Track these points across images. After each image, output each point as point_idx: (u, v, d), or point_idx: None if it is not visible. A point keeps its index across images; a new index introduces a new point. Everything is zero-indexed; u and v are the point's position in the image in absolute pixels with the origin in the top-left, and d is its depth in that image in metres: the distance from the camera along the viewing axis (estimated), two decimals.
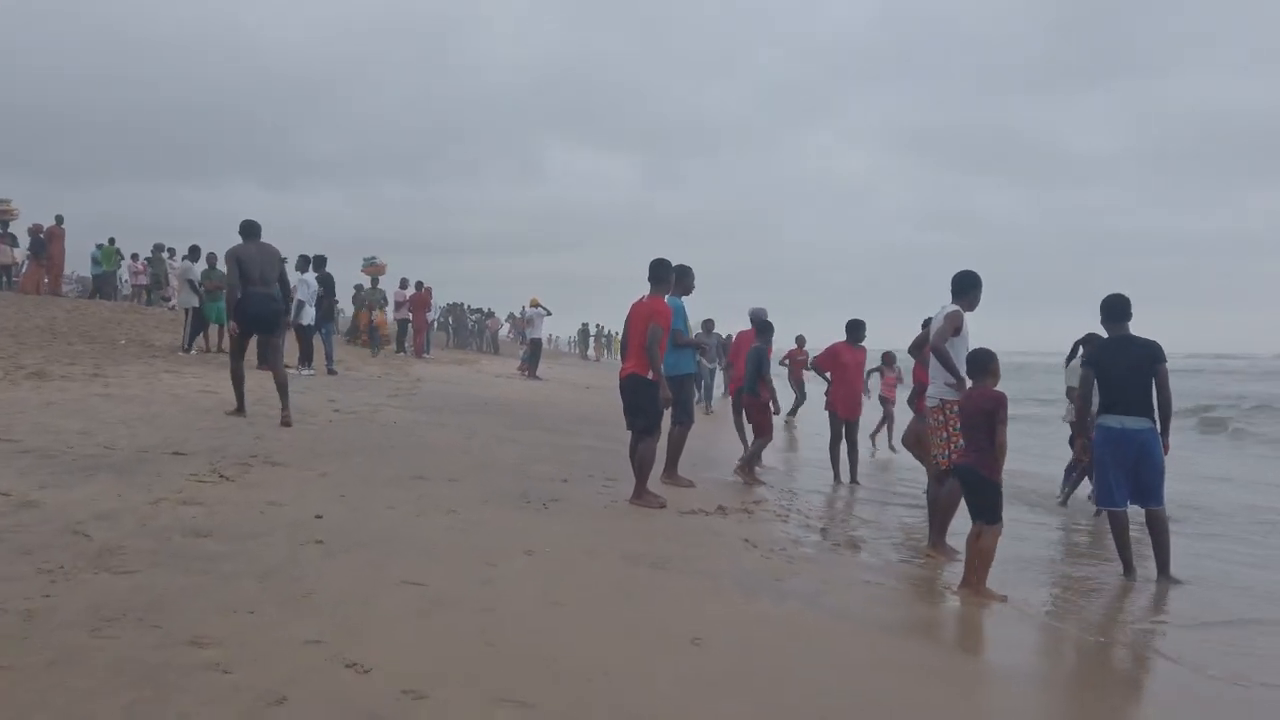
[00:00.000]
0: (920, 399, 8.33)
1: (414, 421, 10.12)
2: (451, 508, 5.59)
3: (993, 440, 5.03)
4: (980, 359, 5.24)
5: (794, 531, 6.38)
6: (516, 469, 7.63)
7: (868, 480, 9.45)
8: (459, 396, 14.34)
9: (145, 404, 8.90)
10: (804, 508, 7.70)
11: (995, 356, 5.28)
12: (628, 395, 6.69)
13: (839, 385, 9.10)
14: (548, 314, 21.93)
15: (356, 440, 8.10)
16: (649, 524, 5.96)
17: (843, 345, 9.22)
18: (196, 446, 6.83)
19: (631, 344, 6.70)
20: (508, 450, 8.79)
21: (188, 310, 15.71)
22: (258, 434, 7.83)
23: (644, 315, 6.61)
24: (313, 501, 5.29)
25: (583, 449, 9.72)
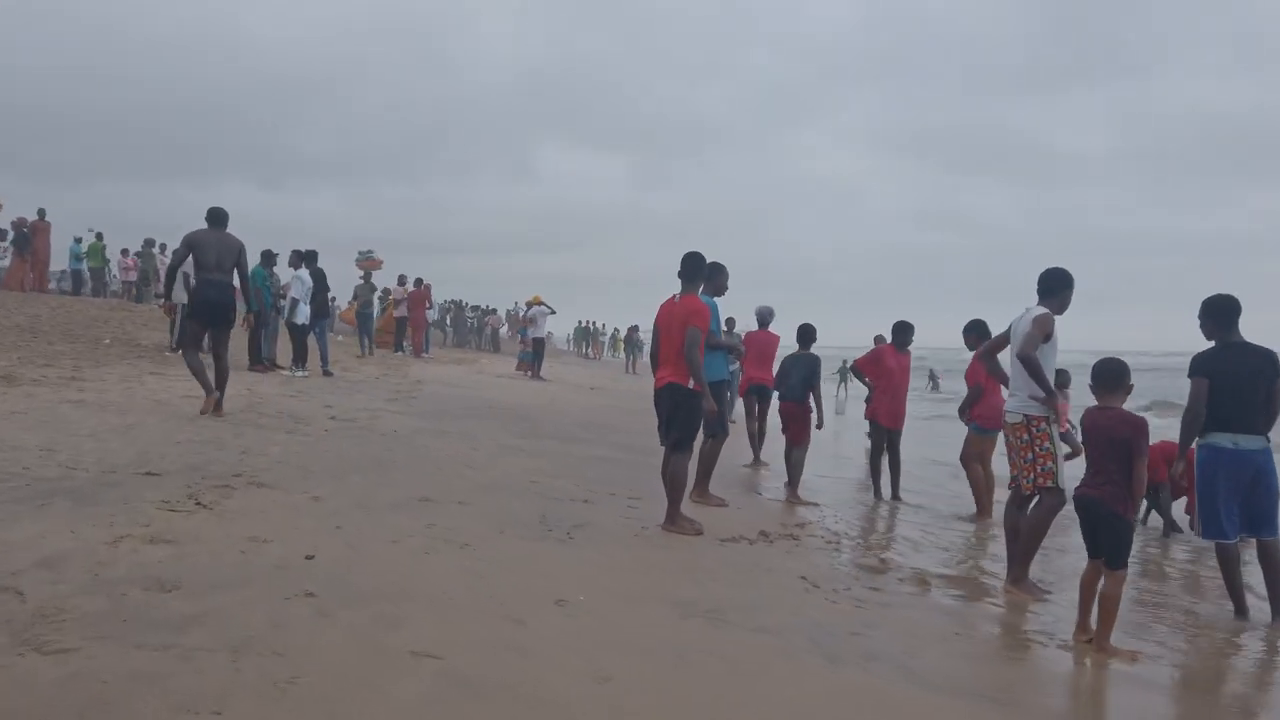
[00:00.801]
0: (973, 408, 7.57)
1: (415, 430, 9.35)
2: (464, 540, 4.83)
3: (1127, 471, 4.29)
4: (1112, 373, 4.45)
5: (850, 564, 5.62)
6: (530, 487, 6.87)
7: (908, 496, 8.69)
8: (461, 400, 13.58)
9: (122, 412, 8.12)
10: (850, 530, 6.94)
11: (1129, 370, 4.50)
12: (665, 407, 5.93)
13: (883, 392, 8.34)
14: (551, 312, 21.16)
15: (354, 454, 7.33)
16: (689, 557, 5.21)
17: (888, 349, 8.46)
18: (174, 464, 6.05)
19: (666, 349, 5.95)
20: (518, 463, 8.03)
21: (178, 306, 14.90)
22: (244, 447, 7.06)
23: (680, 316, 5.86)
24: (303, 535, 4.53)
25: (598, 461, 8.96)
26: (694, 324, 5.81)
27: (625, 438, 11.21)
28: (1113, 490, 4.33)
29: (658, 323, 6.12)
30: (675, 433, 5.88)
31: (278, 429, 8.29)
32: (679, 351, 5.85)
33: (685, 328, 5.83)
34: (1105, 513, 4.35)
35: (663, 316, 6.06)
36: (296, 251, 14.38)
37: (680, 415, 5.86)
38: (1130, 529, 4.43)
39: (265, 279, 14.12)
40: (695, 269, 6.06)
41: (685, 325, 5.83)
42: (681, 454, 5.89)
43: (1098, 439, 4.44)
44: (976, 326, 7.68)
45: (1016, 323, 5.31)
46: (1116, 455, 4.33)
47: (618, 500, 6.78)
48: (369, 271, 20.53)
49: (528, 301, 22.62)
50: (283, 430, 8.24)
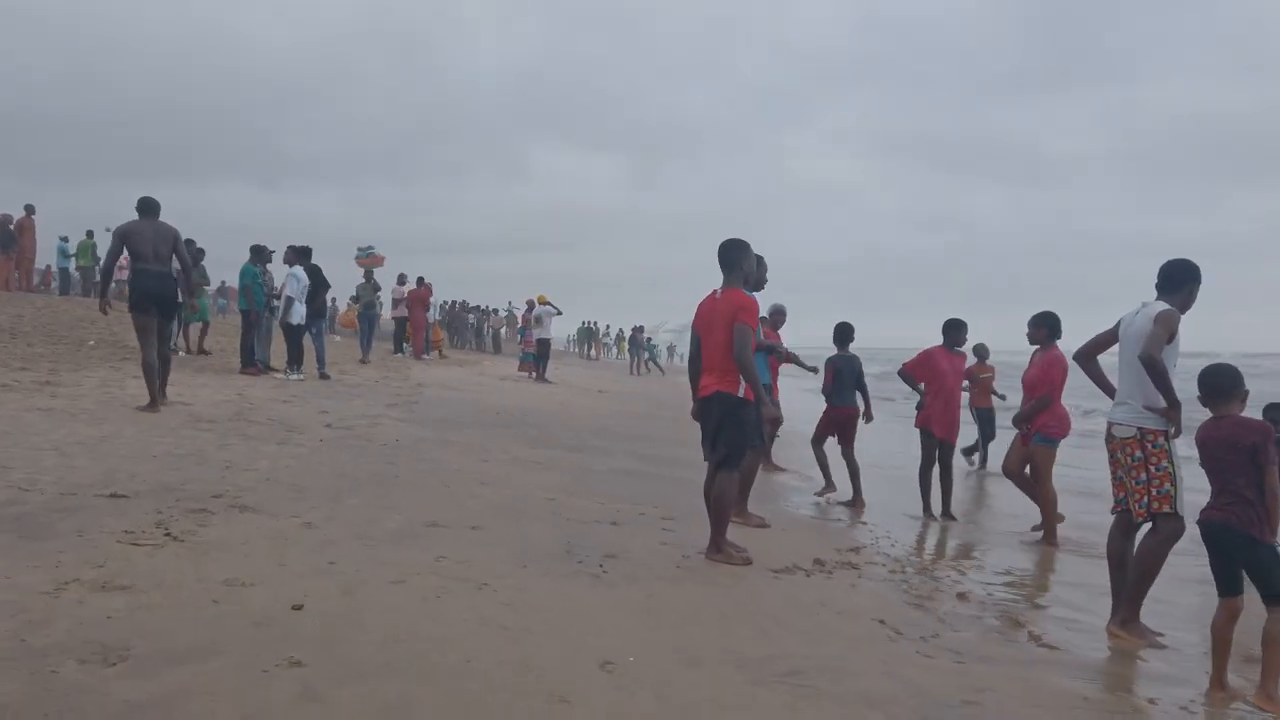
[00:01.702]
0: (1034, 418, 6.83)
1: (418, 439, 8.59)
2: (481, 578, 4.07)
3: (1259, 486, 3.63)
4: (1225, 378, 3.83)
5: (926, 600, 4.86)
6: (548, 507, 6.11)
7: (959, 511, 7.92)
8: (464, 405, 12.82)
9: (95, 421, 7.35)
10: (909, 555, 6.19)
11: (1241, 374, 3.86)
12: (711, 419, 5.18)
13: (936, 399, 7.57)
14: (558, 313, 20.39)
15: (351, 468, 6.57)
16: (746, 595, 4.45)
17: (938, 350, 7.69)
18: (145, 483, 5.29)
19: (710, 352, 5.19)
20: (532, 478, 7.27)
21: None
22: (229, 461, 6.29)
23: (725, 313, 5.10)
24: (291, 576, 3.77)
25: (619, 474, 8.20)
26: (742, 320, 5.06)
27: (643, 446, 10.46)
28: (1243, 511, 3.70)
29: (696, 323, 5.36)
30: (723, 448, 5.12)
31: (268, 439, 7.53)
32: (724, 354, 5.10)
33: (731, 326, 5.08)
34: (1239, 538, 3.70)
35: (702, 315, 5.31)
36: (292, 248, 13.60)
37: (729, 428, 5.10)
38: (1275, 552, 3.73)
39: (258, 277, 13.35)
40: (736, 258, 5.28)
41: (731, 323, 5.08)
42: (729, 472, 5.14)
43: (1217, 452, 3.86)
44: (1048, 319, 6.91)
45: (1129, 320, 4.56)
46: (1243, 468, 3.77)
47: (648, 522, 6.02)
48: (370, 270, 19.60)
49: (530, 300, 21.84)
50: (273, 440, 7.48)
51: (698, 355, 5.39)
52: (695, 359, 5.43)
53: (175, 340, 14.19)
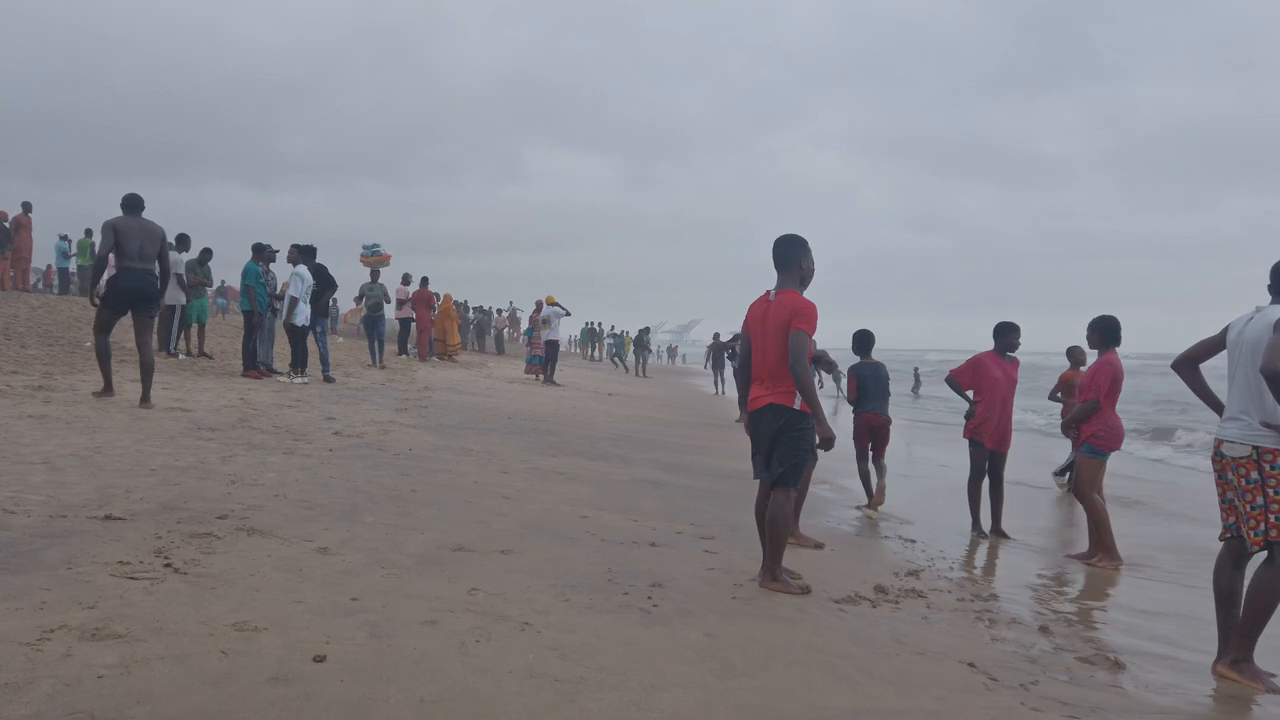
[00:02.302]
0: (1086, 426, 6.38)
1: (433, 447, 8.13)
2: (523, 616, 3.61)
3: None
4: None
5: (1012, 636, 4.39)
6: (581, 526, 5.65)
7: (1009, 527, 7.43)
8: (475, 409, 12.35)
9: (90, 429, 6.88)
10: (971, 579, 5.72)
11: None
12: (764, 433, 4.71)
13: (988, 408, 7.09)
14: (566, 314, 19.92)
15: (365, 481, 6.11)
16: (812, 633, 3.98)
17: (989, 356, 7.21)
18: (144, 501, 4.82)
19: (761, 360, 4.72)
20: (558, 491, 6.81)
21: (175, 307, 13.65)
22: (233, 474, 5.83)
23: (779, 318, 4.64)
24: (309, 615, 3.31)
25: (646, 486, 7.73)
26: (798, 327, 4.59)
27: (663, 455, 9.99)
28: None
29: (748, 327, 4.90)
30: (779, 466, 4.65)
31: (274, 448, 7.07)
32: (777, 363, 4.63)
33: (786, 332, 4.61)
34: None
35: (754, 319, 4.84)
36: (296, 246, 13.14)
37: (785, 444, 4.63)
38: None
39: (260, 276, 12.88)
40: (795, 257, 4.81)
41: (785, 329, 4.61)
42: (786, 492, 4.67)
43: None
44: (1102, 324, 6.45)
45: (1240, 326, 4.10)
46: None
47: (688, 542, 5.55)
48: (376, 269, 19.08)
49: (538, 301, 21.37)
50: (279, 450, 7.02)
51: (747, 363, 4.93)
52: (745, 367, 4.96)
53: (176, 343, 13.74)
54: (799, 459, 4.66)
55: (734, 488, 8.12)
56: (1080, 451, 6.60)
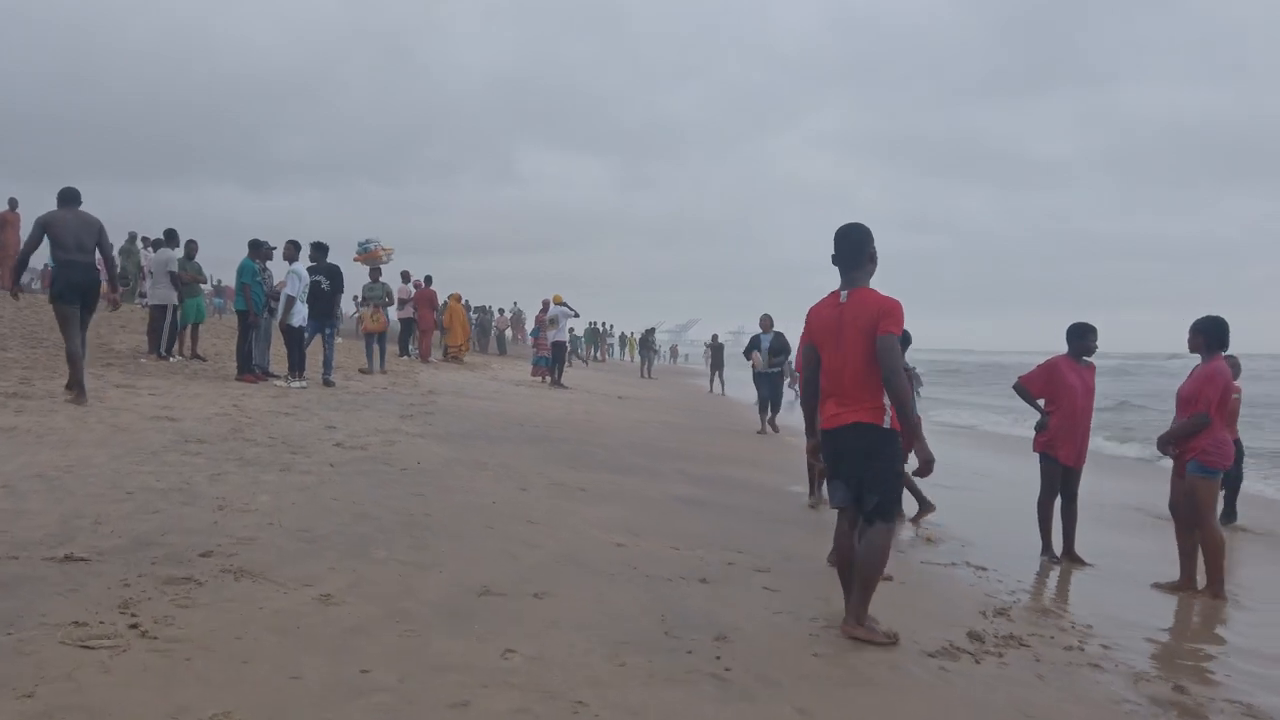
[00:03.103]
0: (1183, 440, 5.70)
1: (443, 461, 7.42)
2: (573, 691, 2.91)
3: None
4: None
5: (1137, 695, 3.69)
6: (618, 557, 4.94)
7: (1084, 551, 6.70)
8: (484, 415, 11.64)
9: (63, 444, 6.17)
10: (1061, 614, 5.01)
11: None
12: (847, 456, 4.00)
13: (1062, 418, 6.37)
14: (574, 314, 19.20)
15: (371, 504, 5.40)
16: (923, 704, 3.28)
17: (1063, 361, 6.49)
18: (113, 535, 4.12)
19: (837, 371, 4.02)
20: (587, 514, 6.10)
21: (169, 308, 12.89)
22: (222, 497, 5.12)
23: (860, 321, 3.94)
24: (310, 699, 2.60)
25: (680, 505, 7.02)
26: (887, 329, 3.89)
27: (690, 465, 9.28)
28: None
29: (815, 337, 4.19)
30: (873, 495, 3.94)
31: (269, 464, 6.36)
32: (862, 374, 3.93)
33: (870, 336, 3.91)
34: None
35: (822, 324, 4.13)
36: (292, 242, 12.39)
37: (879, 468, 3.93)
38: None
39: (256, 274, 12.15)
40: (861, 247, 4.10)
41: (870, 333, 3.92)
42: (885, 525, 3.96)
43: None
44: (1208, 325, 5.74)
45: None
46: None
47: (742, 576, 4.84)
48: (375, 267, 18.21)
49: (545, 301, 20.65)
50: (275, 466, 6.31)
51: (816, 376, 4.22)
52: (813, 382, 4.26)
53: (170, 346, 13.02)
54: (896, 485, 3.96)
55: (775, 506, 7.44)
56: (1189, 471, 5.86)
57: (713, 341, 29.02)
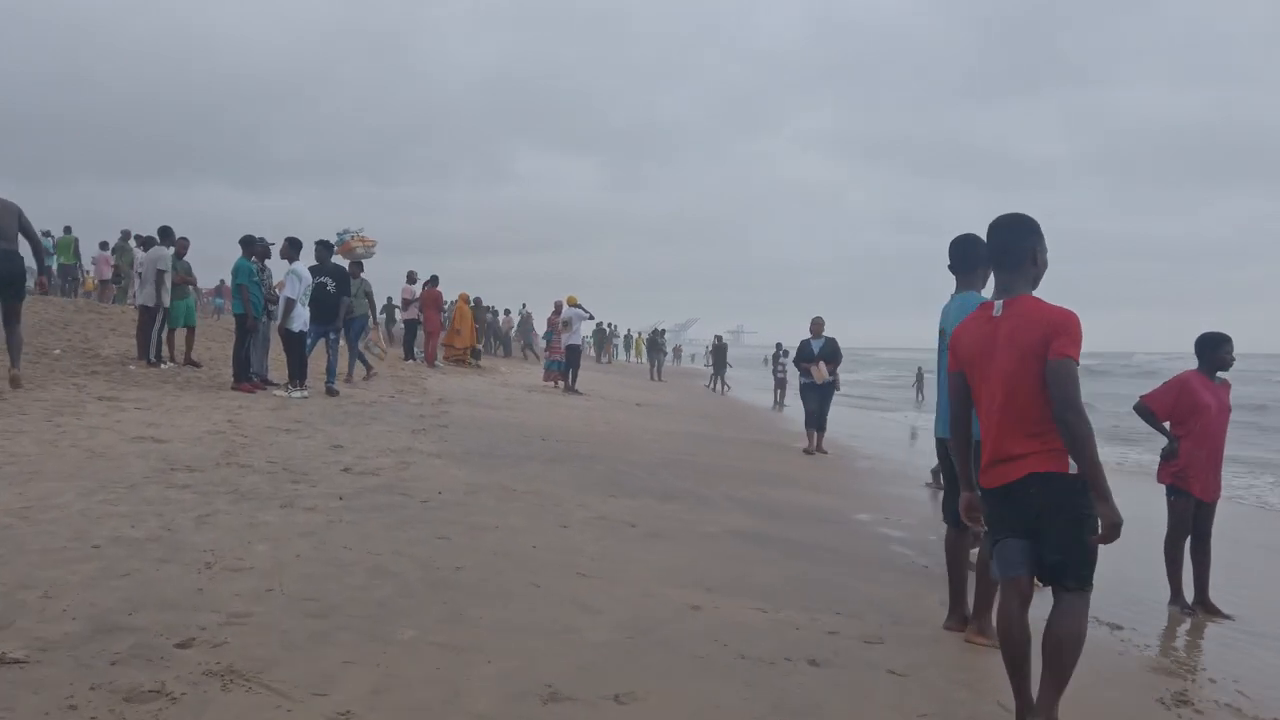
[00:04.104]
0: None
1: (467, 488, 6.48)
2: None
3: None
4: None
5: None
6: (698, 624, 4.02)
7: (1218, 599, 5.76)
8: (501, 427, 10.70)
9: (25, 476, 5.24)
10: (1242, 694, 4.07)
11: None
12: (1020, 513, 3.06)
13: (1195, 444, 5.43)
14: (589, 316, 18.26)
15: (392, 554, 4.46)
16: None
17: (1195, 378, 5.55)
18: (65, 614, 3.18)
19: (996, 407, 3.09)
20: (643, 557, 5.17)
21: (156, 309, 11.91)
22: (210, 550, 4.19)
23: (1027, 339, 3.01)
24: None
25: (742, 542, 6.07)
26: (1063, 352, 2.96)
27: (739, 488, 8.34)
28: None
29: (963, 362, 3.25)
30: (1058, 554, 3.01)
31: (269, 497, 5.43)
32: (1031, 408, 3.00)
33: (1039, 360, 2.98)
34: None
35: (974, 347, 3.20)
36: (291, 240, 11.44)
37: (1064, 526, 2.99)
38: None
39: (253, 274, 11.19)
40: (1023, 244, 3.17)
41: (1039, 354, 2.98)
42: (1080, 597, 3.03)
43: None
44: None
45: None
46: None
47: (853, 650, 3.91)
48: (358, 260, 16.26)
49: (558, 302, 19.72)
50: (276, 500, 5.39)
51: (968, 412, 3.29)
52: (963, 419, 3.32)
53: (158, 351, 12.06)
54: (1092, 548, 3.01)
55: (849, 542, 6.51)
56: None
57: (716, 342, 29.24)
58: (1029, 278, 3.20)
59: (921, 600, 4.99)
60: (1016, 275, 3.18)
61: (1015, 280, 3.18)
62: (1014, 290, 3.17)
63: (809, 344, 12.24)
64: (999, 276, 3.24)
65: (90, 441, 6.50)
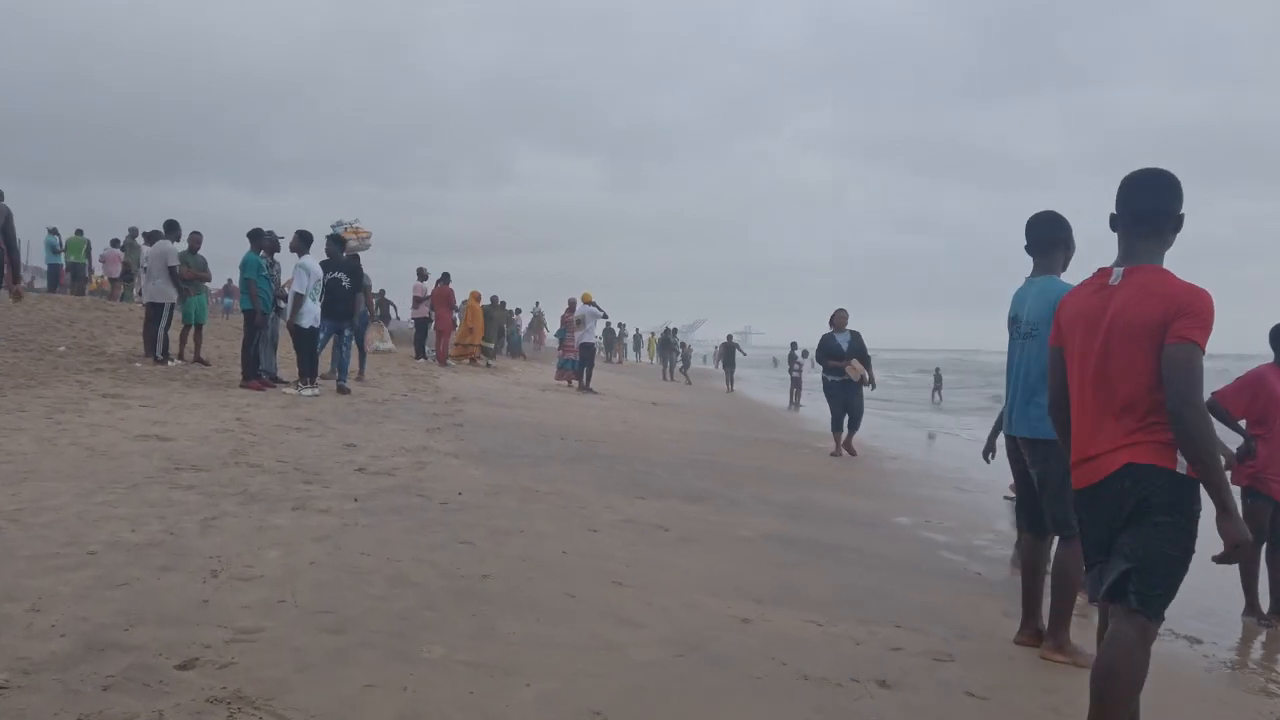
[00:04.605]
0: None
1: (487, 489, 6.14)
2: None
3: None
4: None
5: None
6: (750, 639, 3.66)
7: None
8: (517, 426, 10.37)
9: (21, 474, 4.92)
10: None
11: None
12: (1112, 511, 2.68)
13: (1274, 444, 5.06)
14: (603, 315, 17.92)
15: (413, 560, 4.12)
16: None
17: (1272, 371, 5.16)
18: (54, 630, 2.84)
19: (1099, 388, 2.72)
20: (680, 564, 4.82)
21: (164, 306, 11.60)
22: (216, 557, 3.85)
23: (1148, 318, 2.63)
24: None
25: (780, 547, 5.72)
26: (1186, 335, 2.58)
27: (770, 489, 7.98)
28: None
29: (1067, 336, 2.87)
30: (1132, 565, 2.59)
31: (279, 499, 5.10)
32: (1139, 392, 2.62)
33: (1155, 340, 2.60)
34: None
35: (1077, 312, 2.81)
36: (301, 233, 11.10)
37: (1148, 529, 2.60)
38: None
39: (262, 269, 10.87)
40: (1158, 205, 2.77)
41: (1157, 335, 2.60)
42: (1140, 625, 2.61)
43: None
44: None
45: None
46: None
47: (923, 668, 3.54)
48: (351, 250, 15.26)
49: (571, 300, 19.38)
50: (286, 502, 5.05)
51: (1065, 395, 2.91)
52: (1060, 404, 2.94)
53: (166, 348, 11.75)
54: (1171, 562, 2.62)
55: (893, 548, 6.15)
56: None
57: (728, 341, 29.97)
58: (1163, 244, 2.77)
59: (982, 611, 4.62)
60: (1150, 241, 2.74)
61: (1145, 246, 2.74)
62: (1139, 257, 2.73)
63: (834, 339, 11.26)
64: (1126, 241, 2.77)
65: (91, 439, 6.18)
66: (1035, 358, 3.84)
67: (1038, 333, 3.90)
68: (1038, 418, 3.70)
